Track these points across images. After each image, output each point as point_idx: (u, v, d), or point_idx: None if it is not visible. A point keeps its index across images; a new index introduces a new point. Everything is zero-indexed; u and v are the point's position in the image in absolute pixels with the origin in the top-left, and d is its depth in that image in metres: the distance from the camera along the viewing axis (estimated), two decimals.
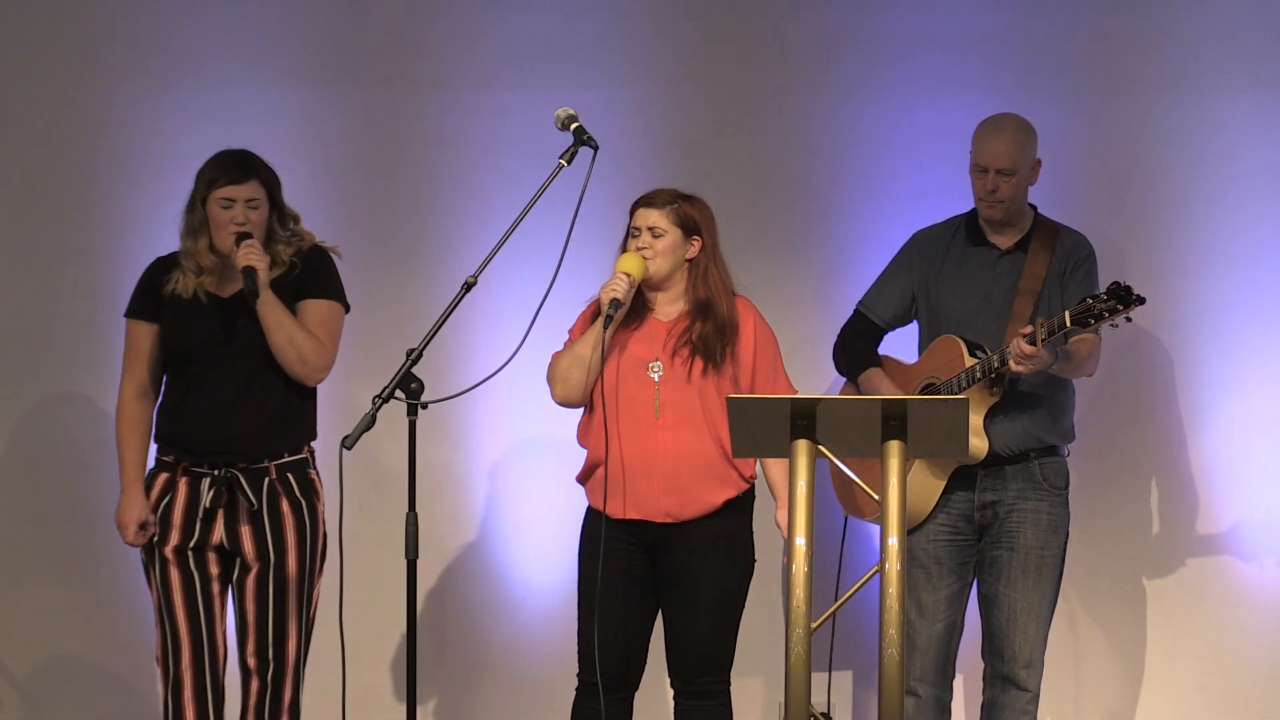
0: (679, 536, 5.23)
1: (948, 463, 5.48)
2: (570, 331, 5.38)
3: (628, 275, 5.22)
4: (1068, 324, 5.22)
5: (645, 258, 5.26)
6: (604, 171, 5.16)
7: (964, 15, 6.20)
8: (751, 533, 5.34)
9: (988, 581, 5.55)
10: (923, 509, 5.52)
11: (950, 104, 5.80)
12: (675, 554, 5.24)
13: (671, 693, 5.36)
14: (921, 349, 5.69)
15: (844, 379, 5.79)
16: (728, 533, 5.26)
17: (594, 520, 5.32)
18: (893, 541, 4.44)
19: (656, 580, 5.28)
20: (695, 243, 5.32)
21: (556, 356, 5.32)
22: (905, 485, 4.49)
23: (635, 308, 5.30)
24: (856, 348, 5.72)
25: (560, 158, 5.09)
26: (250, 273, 5.15)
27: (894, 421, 4.51)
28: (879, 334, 5.74)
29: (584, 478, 5.37)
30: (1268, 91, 6.13)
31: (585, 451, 5.35)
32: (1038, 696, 5.53)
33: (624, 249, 5.33)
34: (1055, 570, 5.54)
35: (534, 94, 6.08)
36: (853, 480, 5.45)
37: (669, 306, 5.34)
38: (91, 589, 6.20)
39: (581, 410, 5.35)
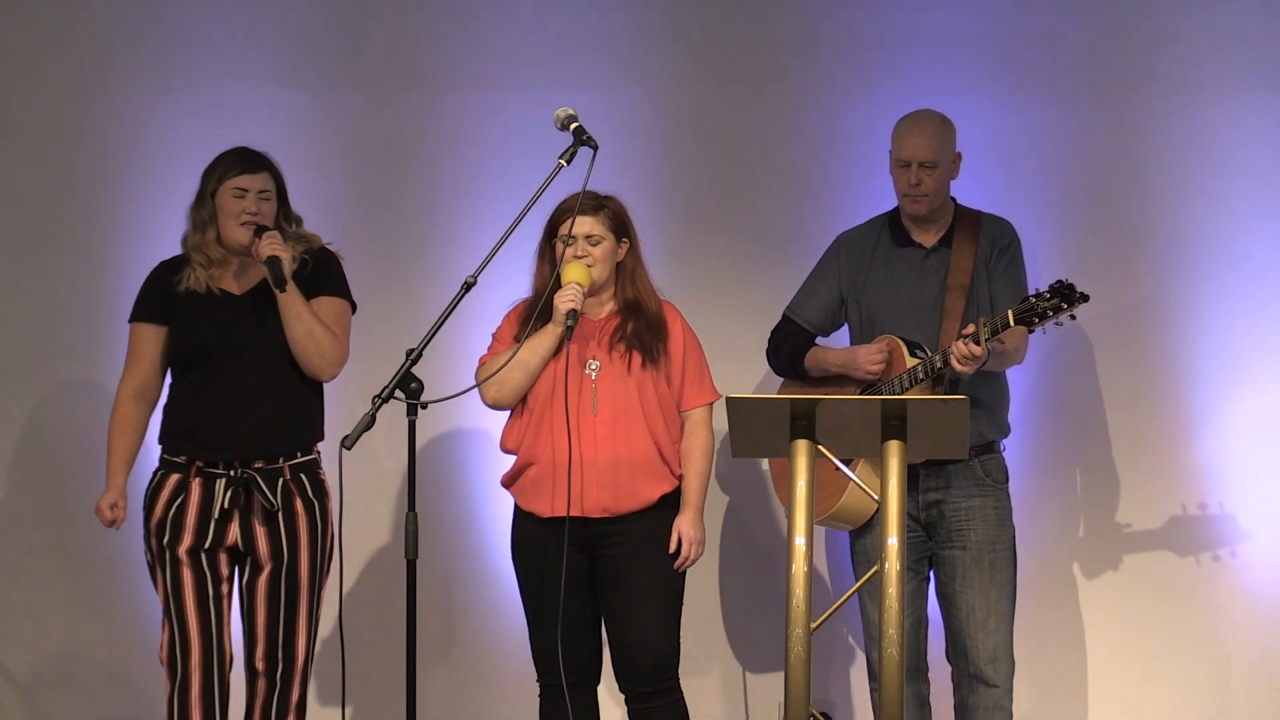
0: (615, 533, 5.25)
1: None
2: (495, 335, 5.38)
3: (580, 285, 5.23)
4: (1011, 323, 5.21)
5: (588, 265, 5.27)
6: (603, 171, 5.16)
7: (964, 15, 6.20)
8: None
9: (944, 582, 5.54)
10: (865, 512, 5.51)
11: (950, 104, 5.79)
12: (615, 548, 5.25)
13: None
14: None
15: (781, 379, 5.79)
16: (664, 526, 5.29)
17: (526, 523, 5.33)
18: (892, 541, 4.44)
19: (595, 578, 5.29)
20: (624, 244, 5.34)
21: (488, 360, 5.32)
22: (905, 485, 4.50)
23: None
24: (791, 346, 5.70)
25: (560, 158, 5.09)
26: (275, 262, 5.16)
27: (894, 421, 4.51)
28: (809, 339, 5.73)
29: (510, 480, 5.37)
30: (1268, 91, 6.13)
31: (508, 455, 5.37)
32: (1010, 691, 5.52)
33: (543, 252, 5.32)
34: (1010, 564, 5.54)
35: (534, 94, 6.09)
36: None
37: (598, 307, 5.36)
38: (92, 588, 6.20)
39: (507, 414, 5.37)
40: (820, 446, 4.55)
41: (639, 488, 5.26)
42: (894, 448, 4.52)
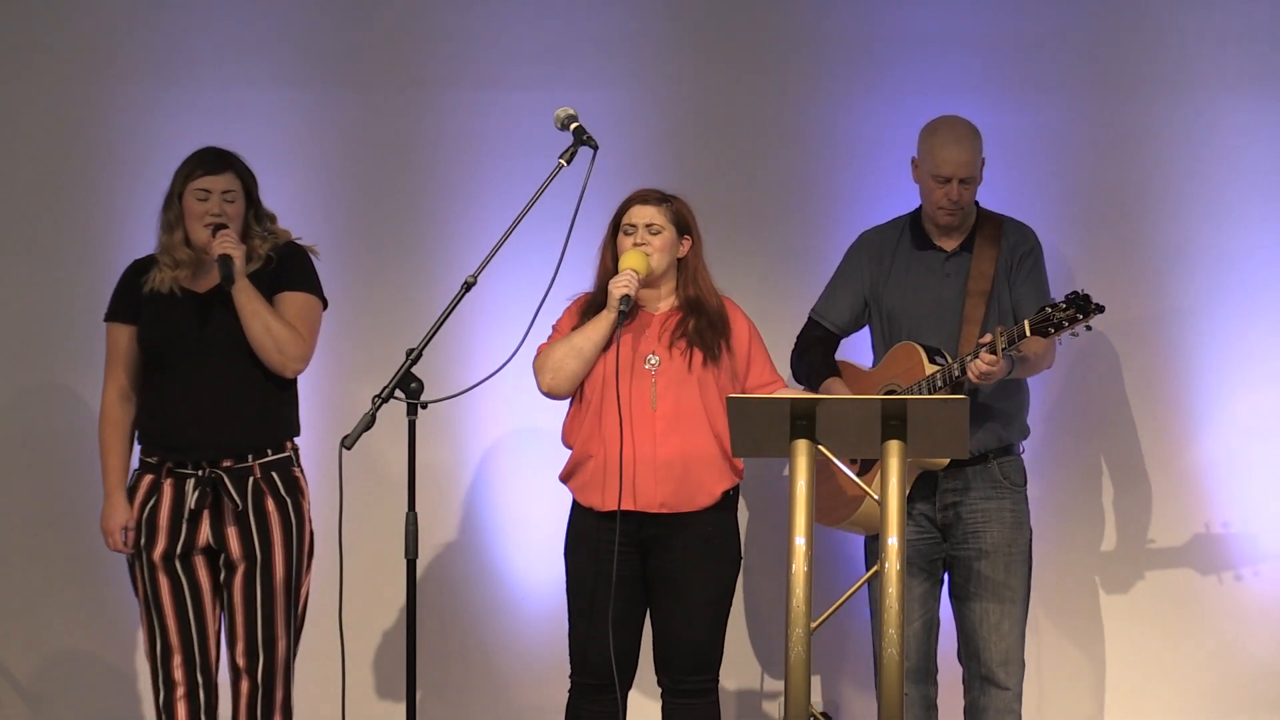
0: (673, 531, 5.23)
1: (910, 472, 5.46)
2: (555, 326, 5.37)
3: (636, 272, 5.23)
4: (1028, 333, 5.21)
5: (646, 254, 5.27)
6: (603, 171, 5.16)
7: (963, 15, 6.20)
8: (739, 528, 5.36)
9: (958, 583, 5.54)
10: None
11: (951, 104, 5.79)
12: (670, 550, 5.23)
13: (658, 690, 5.36)
14: (875, 353, 5.68)
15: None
16: (721, 527, 5.28)
17: (583, 518, 5.32)
18: (892, 541, 4.44)
19: (646, 577, 5.28)
20: (686, 241, 5.34)
21: (546, 348, 5.31)
22: (905, 485, 4.50)
23: None
24: (814, 357, 5.70)
25: (560, 157, 5.10)
26: (226, 260, 5.17)
27: (894, 421, 4.51)
28: (835, 341, 5.73)
29: (568, 474, 5.37)
30: (1267, 92, 6.13)
31: (570, 450, 5.36)
32: (1020, 694, 5.52)
33: (607, 245, 5.33)
34: (1024, 567, 5.54)
35: (534, 94, 6.09)
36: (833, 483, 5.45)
37: (659, 302, 5.35)
38: (91, 587, 6.20)
39: (566, 407, 5.35)
40: (820, 446, 4.55)
41: (702, 483, 5.24)
42: (894, 447, 4.52)
